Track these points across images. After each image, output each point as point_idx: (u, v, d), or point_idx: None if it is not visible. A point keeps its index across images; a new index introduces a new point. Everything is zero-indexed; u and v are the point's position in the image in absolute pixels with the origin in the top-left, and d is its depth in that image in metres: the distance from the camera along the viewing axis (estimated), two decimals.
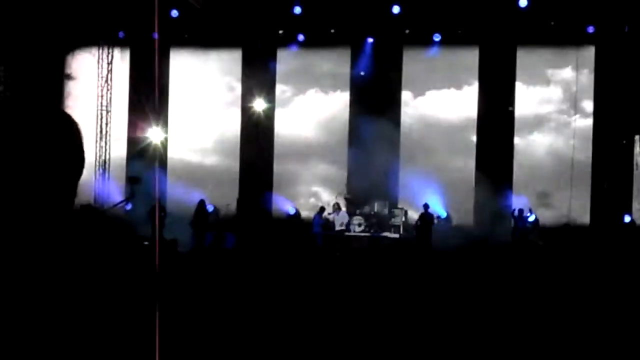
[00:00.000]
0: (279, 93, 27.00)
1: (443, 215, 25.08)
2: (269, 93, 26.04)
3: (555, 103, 26.13)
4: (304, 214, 25.95)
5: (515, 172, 25.57)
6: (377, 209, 25.53)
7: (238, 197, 26.09)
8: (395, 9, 24.98)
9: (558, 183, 25.27)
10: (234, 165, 26.89)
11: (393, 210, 25.54)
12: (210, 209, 24.72)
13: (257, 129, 25.92)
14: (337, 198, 25.50)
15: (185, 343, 8.78)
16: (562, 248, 20.92)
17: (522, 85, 25.91)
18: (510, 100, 25.62)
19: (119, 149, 27.31)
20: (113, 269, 1.81)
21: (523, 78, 25.84)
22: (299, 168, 26.92)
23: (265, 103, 25.74)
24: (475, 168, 25.52)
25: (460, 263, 19.17)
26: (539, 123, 26.19)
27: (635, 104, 24.09)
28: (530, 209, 24.59)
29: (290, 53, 26.81)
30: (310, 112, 26.98)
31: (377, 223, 25.18)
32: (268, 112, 25.98)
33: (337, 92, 27.06)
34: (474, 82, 26.01)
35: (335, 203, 24.70)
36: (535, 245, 23.02)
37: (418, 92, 26.63)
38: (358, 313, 11.64)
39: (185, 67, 27.11)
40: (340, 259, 21.91)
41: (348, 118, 26.50)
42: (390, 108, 25.82)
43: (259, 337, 9.51)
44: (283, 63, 26.81)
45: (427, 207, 24.13)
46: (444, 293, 14.12)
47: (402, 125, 26.24)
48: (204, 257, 21.88)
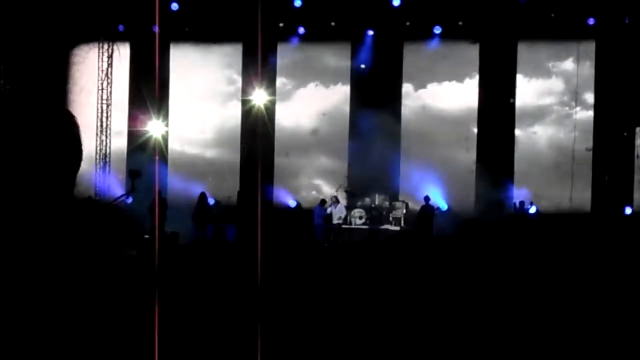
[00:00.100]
0: (280, 86, 26.99)
1: (444, 208, 25.10)
2: (270, 86, 26.02)
3: (556, 95, 26.10)
4: (305, 207, 25.96)
5: (516, 164, 25.60)
6: (378, 202, 25.57)
7: (239, 189, 26.10)
8: (396, 2, 24.97)
9: (559, 175, 25.28)
10: (235, 158, 26.90)
11: (394, 203, 25.57)
12: (211, 202, 24.75)
13: (257, 122, 25.91)
14: (337, 191, 25.52)
15: (185, 336, 8.80)
16: (563, 240, 20.92)
17: (523, 78, 25.89)
18: (511, 93, 25.63)
19: (120, 143, 27.30)
20: (113, 263, 1.82)
21: (524, 70, 25.82)
22: (300, 161, 26.92)
23: (266, 96, 25.72)
24: (476, 160, 25.56)
25: (460, 252, 19.23)
26: (540, 115, 26.16)
27: (636, 96, 24.07)
28: (532, 201, 24.62)
29: (291, 46, 26.79)
30: (311, 104, 26.95)
31: (378, 216, 25.21)
32: (269, 105, 25.95)
33: (337, 84, 27.04)
34: (475, 74, 26.00)
35: (333, 196, 24.73)
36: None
37: (419, 84, 26.61)
38: (358, 304, 11.67)
39: (186, 60, 27.07)
40: (330, 249, 21.98)
41: (349, 111, 26.50)
42: (391, 101, 25.83)
43: (259, 330, 9.53)
44: (283, 56, 26.79)
45: (427, 199, 24.17)
46: (443, 283, 14.15)
47: (402, 118, 26.24)
48: (205, 249, 21.93)
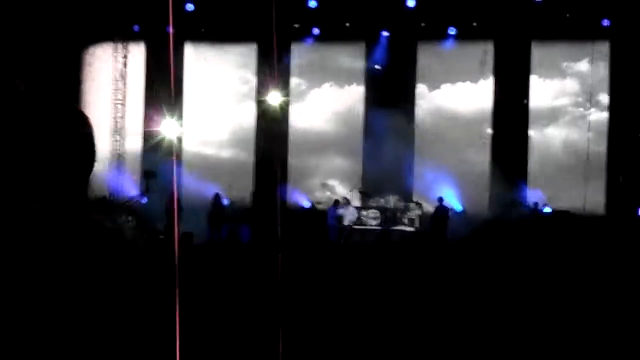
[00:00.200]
0: (294, 86, 27.04)
1: (458, 209, 25.05)
2: (284, 86, 26.07)
3: (571, 96, 26.00)
4: (319, 207, 25.99)
5: (530, 165, 25.54)
6: (392, 203, 25.54)
7: (253, 190, 26.16)
8: (410, 3, 24.96)
9: (573, 176, 25.19)
10: (249, 158, 26.97)
11: (408, 204, 25.53)
12: (226, 202, 24.81)
13: (272, 122, 25.96)
14: (351, 192, 25.54)
15: (206, 335, 8.86)
16: (576, 241, 20.85)
17: (537, 78, 25.82)
18: (526, 93, 25.57)
19: (135, 143, 27.40)
20: (130, 263, 1.85)
21: (538, 71, 25.75)
22: (315, 161, 26.95)
23: (281, 96, 25.77)
24: (491, 161, 25.52)
25: (474, 254, 19.18)
26: (555, 116, 26.08)
27: None
28: (546, 202, 24.55)
29: (305, 46, 26.84)
30: (326, 105, 26.99)
31: (392, 216, 25.19)
32: (283, 105, 26.00)
33: (352, 85, 27.07)
34: (489, 75, 25.96)
35: (344, 197, 24.75)
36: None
37: (433, 85, 26.59)
38: (370, 304, 11.70)
39: (201, 60, 27.17)
40: (341, 251, 21.98)
41: (363, 111, 26.53)
42: (405, 101, 25.83)
43: (274, 329, 9.57)
44: (298, 56, 26.84)
45: (441, 200, 24.14)
46: (458, 285, 14.15)
47: (416, 119, 26.23)
48: (220, 250, 21.98)
